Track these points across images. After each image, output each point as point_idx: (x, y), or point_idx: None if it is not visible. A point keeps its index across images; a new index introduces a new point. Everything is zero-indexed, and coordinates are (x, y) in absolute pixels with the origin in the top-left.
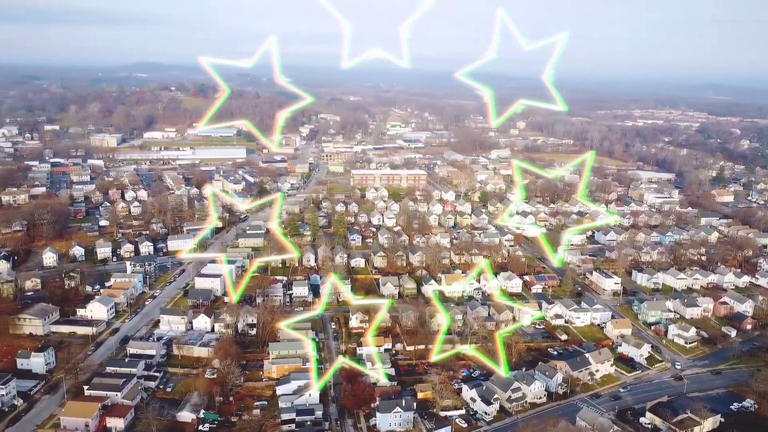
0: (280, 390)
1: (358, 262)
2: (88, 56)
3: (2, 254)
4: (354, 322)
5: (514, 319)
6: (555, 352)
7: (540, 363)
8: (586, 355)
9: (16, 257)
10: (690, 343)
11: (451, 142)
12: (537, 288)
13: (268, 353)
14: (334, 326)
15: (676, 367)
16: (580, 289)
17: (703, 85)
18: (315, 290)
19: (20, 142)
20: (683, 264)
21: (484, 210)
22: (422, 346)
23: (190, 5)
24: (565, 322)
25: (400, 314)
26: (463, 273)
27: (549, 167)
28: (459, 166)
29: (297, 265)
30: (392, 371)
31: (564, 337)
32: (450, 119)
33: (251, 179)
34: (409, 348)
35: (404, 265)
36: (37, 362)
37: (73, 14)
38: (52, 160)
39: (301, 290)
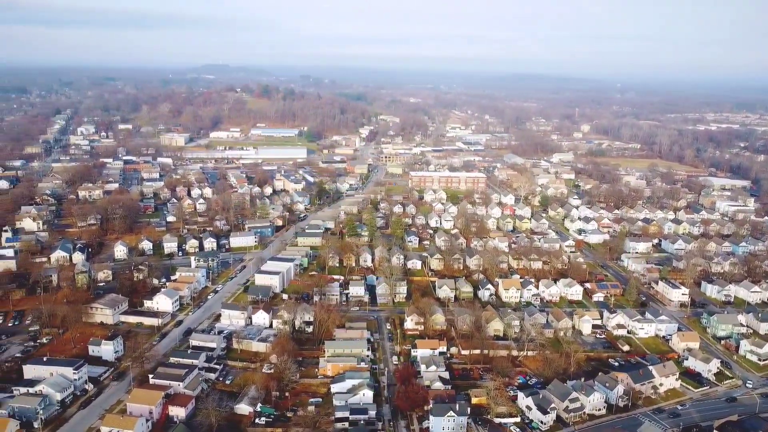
0: (334, 388)
1: (415, 263)
2: (160, 58)
3: (78, 246)
4: (409, 323)
5: (573, 327)
6: (616, 363)
7: (600, 373)
8: (650, 367)
9: (90, 249)
10: (764, 360)
11: (511, 144)
12: (598, 296)
13: (324, 351)
14: (389, 327)
15: (747, 385)
16: (644, 299)
17: None
18: (371, 290)
19: (96, 141)
20: (758, 276)
21: (544, 214)
22: (477, 351)
23: (256, 9)
24: (628, 332)
25: (456, 318)
26: (521, 278)
27: (614, 172)
28: (519, 170)
29: (354, 265)
30: (446, 375)
31: (626, 348)
32: (511, 121)
33: (311, 179)
34: (464, 352)
35: (461, 268)
36: (107, 350)
37: (147, 18)
38: (124, 158)
39: (357, 290)
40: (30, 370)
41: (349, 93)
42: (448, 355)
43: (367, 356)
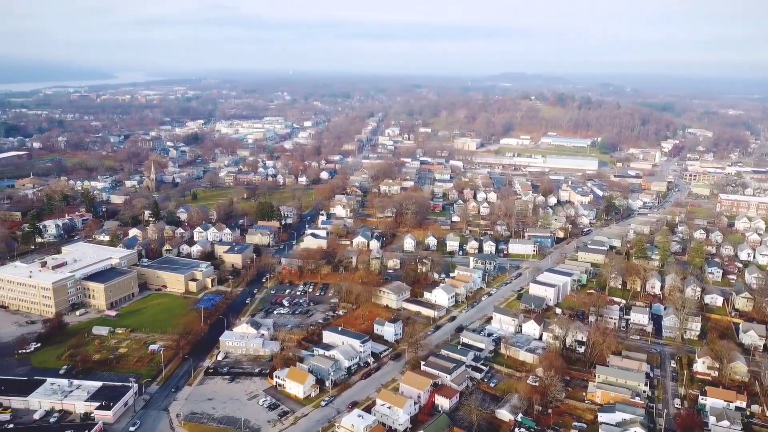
0: (602, 417)
1: (714, 299)
2: (462, 67)
3: (375, 234)
4: (700, 366)
5: None
6: None
7: None
8: None
9: (384, 238)
10: None
11: None
12: None
13: (595, 376)
14: (674, 365)
15: None
16: None
17: None
18: (656, 321)
19: (399, 141)
20: None
21: None
22: None
23: (557, 16)
24: None
25: (764, 371)
26: None
27: None
28: None
29: (639, 289)
30: None
31: None
32: None
33: (600, 192)
34: None
35: None
36: (389, 331)
37: (455, 31)
38: (421, 159)
39: (640, 317)
40: (327, 336)
41: (654, 102)
42: (748, 412)
43: (644, 392)
